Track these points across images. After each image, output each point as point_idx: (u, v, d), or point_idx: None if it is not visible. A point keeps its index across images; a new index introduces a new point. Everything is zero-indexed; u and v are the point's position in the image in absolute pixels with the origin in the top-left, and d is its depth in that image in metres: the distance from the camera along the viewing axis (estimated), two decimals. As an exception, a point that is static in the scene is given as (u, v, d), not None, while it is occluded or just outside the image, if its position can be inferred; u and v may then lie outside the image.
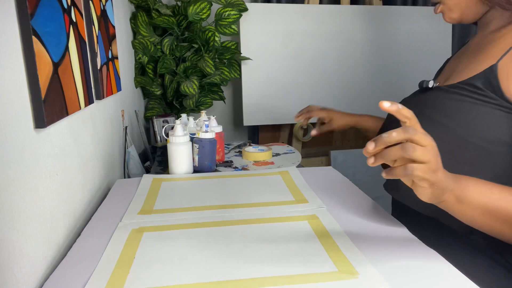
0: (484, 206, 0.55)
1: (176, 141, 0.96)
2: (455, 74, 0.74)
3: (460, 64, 0.77)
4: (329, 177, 0.94)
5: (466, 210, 0.56)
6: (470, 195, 0.55)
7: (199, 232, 0.66)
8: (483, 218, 0.56)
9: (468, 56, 0.76)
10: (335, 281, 0.51)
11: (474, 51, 0.75)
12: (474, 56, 0.73)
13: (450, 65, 0.83)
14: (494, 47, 0.69)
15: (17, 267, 0.51)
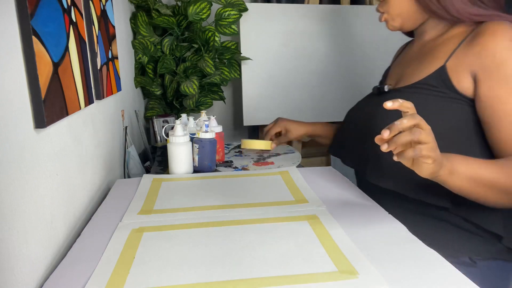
0: (470, 176, 0.67)
1: (176, 141, 0.96)
2: (405, 77, 0.87)
3: (406, 68, 0.89)
4: (329, 177, 0.94)
5: (456, 181, 0.67)
6: (459, 168, 0.66)
7: (199, 232, 0.66)
8: (470, 186, 0.68)
9: (413, 61, 0.89)
10: (335, 281, 0.51)
11: (418, 57, 0.88)
12: (420, 61, 0.86)
13: (394, 71, 0.95)
14: (438, 52, 0.82)
15: (17, 267, 0.51)
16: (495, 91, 0.73)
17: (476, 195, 0.70)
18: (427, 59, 0.84)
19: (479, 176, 0.67)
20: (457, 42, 0.80)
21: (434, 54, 0.83)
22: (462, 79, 0.76)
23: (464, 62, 0.76)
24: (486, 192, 0.69)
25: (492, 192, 0.69)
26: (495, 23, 0.75)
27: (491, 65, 0.73)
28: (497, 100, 0.73)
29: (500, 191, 0.69)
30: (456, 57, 0.78)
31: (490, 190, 0.68)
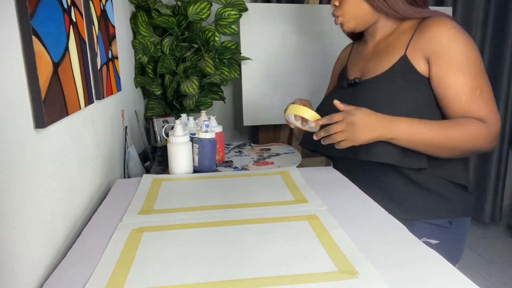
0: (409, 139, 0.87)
1: (176, 141, 0.96)
2: (370, 71, 1.01)
3: (367, 64, 1.04)
4: (329, 177, 0.94)
5: (399, 143, 0.88)
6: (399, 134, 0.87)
7: (199, 232, 0.66)
8: (412, 145, 0.88)
9: (373, 57, 1.03)
10: (335, 281, 0.51)
11: (376, 53, 1.03)
12: (379, 55, 1.01)
13: (355, 68, 1.09)
14: (394, 45, 0.98)
15: (17, 267, 0.51)
16: (443, 69, 0.90)
17: (420, 151, 0.90)
18: (387, 53, 0.99)
19: (418, 139, 0.87)
20: (409, 35, 0.96)
21: (392, 48, 0.99)
22: (420, 63, 0.93)
23: (419, 49, 0.93)
24: (425, 148, 0.89)
25: (429, 148, 0.88)
26: (437, 17, 0.94)
27: (439, 49, 0.90)
28: (444, 76, 0.91)
29: (436, 148, 0.88)
30: (412, 46, 0.94)
31: (427, 147, 0.88)
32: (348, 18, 1.00)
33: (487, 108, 0.89)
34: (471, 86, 0.89)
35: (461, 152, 0.90)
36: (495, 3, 2.39)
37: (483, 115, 0.89)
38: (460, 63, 0.89)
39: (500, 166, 2.62)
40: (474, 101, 0.89)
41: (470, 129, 0.87)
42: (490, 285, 2.06)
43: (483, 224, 2.72)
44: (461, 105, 0.90)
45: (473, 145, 0.88)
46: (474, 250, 2.41)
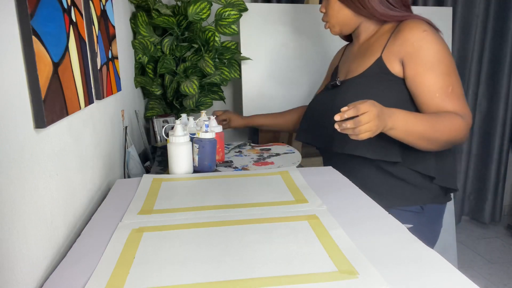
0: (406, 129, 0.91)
1: (176, 141, 0.96)
2: (352, 71, 1.10)
3: (351, 64, 1.13)
4: (329, 177, 0.94)
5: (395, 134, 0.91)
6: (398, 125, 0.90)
7: (199, 232, 0.66)
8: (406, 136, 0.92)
9: (356, 58, 1.12)
10: (335, 281, 0.51)
11: (359, 54, 1.12)
12: (361, 57, 1.09)
13: (342, 68, 1.19)
14: (373, 48, 1.07)
15: (17, 267, 0.51)
16: (416, 70, 0.98)
17: (410, 142, 0.95)
18: (367, 55, 1.07)
19: (413, 130, 0.91)
20: (386, 38, 1.04)
21: (371, 50, 1.07)
22: (394, 65, 1.01)
23: (394, 52, 1.01)
24: (417, 140, 0.94)
25: (420, 138, 0.94)
26: (411, 20, 1.01)
27: (412, 51, 0.97)
28: (418, 76, 0.98)
29: (426, 139, 0.94)
30: (388, 49, 1.02)
31: (419, 138, 0.93)
32: (333, 24, 1.10)
33: (460, 103, 0.97)
34: (443, 84, 0.96)
35: (443, 144, 0.97)
36: (495, 3, 2.39)
37: (457, 110, 0.96)
38: (432, 63, 0.96)
39: (500, 166, 2.62)
40: (447, 98, 0.96)
41: (452, 122, 0.94)
42: (490, 285, 2.06)
43: (483, 224, 2.72)
44: (435, 102, 0.97)
45: (454, 136, 0.95)
46: (474, 250, 2.41)
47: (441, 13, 2.02)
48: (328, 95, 1.14)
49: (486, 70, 2.52)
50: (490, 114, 2.57)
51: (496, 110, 2.54)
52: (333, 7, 1.07)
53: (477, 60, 2.43)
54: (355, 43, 1.15)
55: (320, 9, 1.11)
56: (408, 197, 1.05)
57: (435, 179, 1.04)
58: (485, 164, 2.64)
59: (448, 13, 2.03)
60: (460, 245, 2.43)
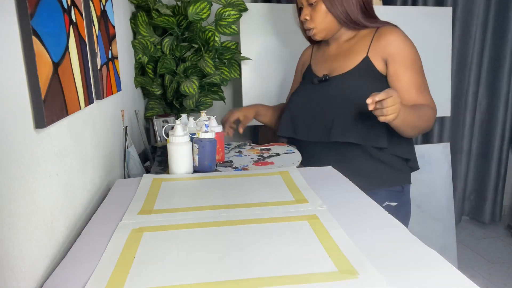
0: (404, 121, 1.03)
1: (176, 141, 0.95)
2: (337, 69, 1.20)
3: (333, 63, 1.23)
4: (329, 177, 0.94)
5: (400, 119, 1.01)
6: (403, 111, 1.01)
7: (199, 232, 0.66)
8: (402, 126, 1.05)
9: (338, 57, 1.22)
10: (335, 281, 0.51)
11: (340, 53, 1.22)
12: (344, 56, 1.21)
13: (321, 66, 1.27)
14: (357, 48, 1.18)
15: (17, 267, 0.51)
16: (397, 68, 1.13)
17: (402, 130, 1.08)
18: (351, 54, 1.19)
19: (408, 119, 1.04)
20: (369, 40, 1.17)
21: (354, 50, 1.19)
22: (379, 63, 1.15)
23: (378, 52, 1.15)
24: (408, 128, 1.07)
25: (410, 128, 1.08)
26: (388, 26, 1.17)
27: (395, 52, 1.13)
28: (399, 74, 1.13)
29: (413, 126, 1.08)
30: (372, 50, 1.16)
31: (410, 128, 1.08)
32: (320, 29, 1.19)
33: (429, 97, 1.15)
34: (419, 82, 1.14)
35: (421, 131, 1.14)
36: (495, 3, 2.39)
37: (428, 102, 1.14)
38: (411, 63, 1.13)
39: (500, 166, 2.62)
40: (421, 93, 1.14)
41: (428, 112, 1.11)
42: (490, 285, 2.06)
43: (483, 224, 2.72)
44: (412, 96, 1.12)
45: (428, 125, 1.13)
46: (474, 250, 2.41)
47: (441, 13, 2.01)
48: (316, 90, 1.23)
49: (486, 70, 2.52)
50: (490, 114, 2.57)
51: (496, 110, 2.54)
52: (320, 14, 1.17)
53: (477, 60, 2.43)
54: (332, 44, 1.26)
55: (303, 16, 1.19)
56: (392, 179, 1.20)
57: (410, 161, 1.21)
58: (485, 164, 2.64)
59: (448, 13, 2.03)
60: (460, 245, 2.43)
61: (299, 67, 1.43)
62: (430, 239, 2.04)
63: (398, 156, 1.19)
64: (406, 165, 1.22)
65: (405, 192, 1.22)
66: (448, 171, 2.13)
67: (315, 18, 1.18)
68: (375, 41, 1.16)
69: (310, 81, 1.26)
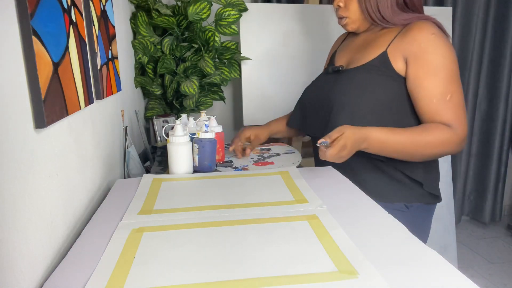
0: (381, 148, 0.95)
1: (176, 141, 0.96)
2: (355, 61, 1.08)
3: (355, 54, 1.11)
4: (329, 177, 0.94)
5: (372, 150, 0.95)
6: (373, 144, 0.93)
7: (199, 232, 0.66)
8: (383, 152, 0.96)
9: (360, 49, 1.10)
10: (335, 281, 0.51)
11: (363, 45, 1.09)
12: (365, 48, 1.08)
13: (343, 56, 1.16)
14: (379, 41, 1.05)
15: (17, 267, 0.51)
16: (419, 71, 0.97)
17: (390, 156, 0.98)
18: (371, 47, 1.06)
19: (389, 146, 0.94)
20: (393, 35, 1.03)
21: (376, 43, 1.06)
22: (398, 62, 1.00)
23: (399, 49, 1.00)
24: (396, 155, 0.97)
25: (399, 155, 0.97)
26: (421, 22, 1.00)
27: (418, 52, 0.97)
28: (419, 78, 0.97)
29: (405, 155, 0.97)
30: (394, 45, 1.01)
31: (398, 154, 0.96)
32: (354, 19, 1.07)
33: (454, 113, 0.95)
34: (443, 91, 0.95)
35: (430, 156, 0.98)
36: (495, 3, 2.39)
37: (449, 120, 0.95)
38: (436, 67, 0.95)
39: (500, 166, 2.62)
40: (443, 105, 0.95)
41: (437, 135, 0.94)
42: (490, 285, 2.06)
43: (483, 224, 2.72)
44: (430, 107, 0.96)
45: (440, 150, 0.96)
46: (474, 250, 2.41)
47: (441, 13, 2.01)
48: (326, 81, 1.14)
49: (486, 70, 2.51)
50: (490, 114, 2.57)
51: (496, 110, 2.54)
52: (355, 3, 1.04)
53: (477, 60, 2.43)
54: (362, 34, 1.13)
55: (337, 3, 1.06)
56: (393, 193, 1.04)
57: (423, 185, 1.04)
58: (485, 164, 2.64)
59: (448, 13, 2.03)
60: (460, 245, 2.43)
61: (330, 54, 1.31)
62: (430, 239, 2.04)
63: (405, 174, 1.04)
64: (415, 185, 1.05)
65: (411, 211, 1.04)
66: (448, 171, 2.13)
67: (349, 6, 1.05)
68: (399, 37, 1.01)
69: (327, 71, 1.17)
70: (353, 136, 0.89)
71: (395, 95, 1.00)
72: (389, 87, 1.00)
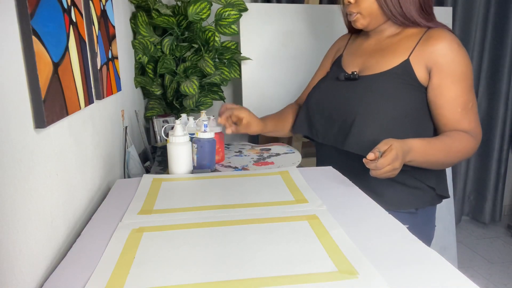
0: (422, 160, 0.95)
1: (176, 141, 0.95)
2: (371, 67, 1.05)
3: (370, 59, 1.07)
4: (329, 177, 0.94)
5: (413, 164, 0.95)
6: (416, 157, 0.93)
7: (199, 232, 0.66)
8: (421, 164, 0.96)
9: (375, 54, 1.06)
10: (335, 281, 0.51)
11: (378, 50, 1.06)
12: (381, 54, 1.05)
13: (354, 60, 1.11)
14: (399, 48, 1.02)
15: (17, 267, 0.51)
16: (443, 81, 0.97)
17: (427, 167, 0.98)
18: (390, 53, 1.03)
19: (428, 159, 0.95)
20: (415, 41, 1.01)
21: (395, 49, 1.03)
22: (421, 71, 0.99)
23: (422, 58, 0.99)
24: (431, 165, 0.98)
25: (434, 165, 0.99)
26: (440, 30, 1.00)
27: (442, 62, 0.97)
28: (445, 87, 0.97)
29: (439, 164, 0.99)
30: (416, 53, 1.00)
31: (433, 165, 0.98)
32: (365, 15, 1.03)
33: (475, 121, 1.00)
34: (466, 99, 0.98)
35: (455, 163, 1.01)
36: (495, 3, 2.39)
37: (472, 128, 0.99)
38: (460, 76, 0.97)
39: (500, 166, 2.62)
40: (467, 114, 0.98)
41: (464, 144, 0.97)
42: (490, 285, 2.06)
43: (483, 224, 2.72)
44: (455, 116, 0.98)
45: (463, 157, 0.99)
46: (474, 250, 2.41)
47: (441, 13, 2.01)
48: (340, 87, 1.08)
49: (486, 70, 2.52)
50: (490, 114, 2.57)
51: (496, 110, 2.54)
52: None
53: (477, 60, 2.43)
54: (373, 38, 1.09)
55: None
56: (405, 200, 1.04)
57: (435, 189, 1.05)
58: (485, 164, 2.64)
59: (448, 13, 2.03)
60: (460, 245, 2.43)
61: (330, 55, 1.26)
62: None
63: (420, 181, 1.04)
64: (428, 189, 1.06)
65: (420, 214, 1.05)
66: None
67: (361, 1, 1.01)
68: (421, 44, 0.99)
69: (336, 76, 1.10)
70: (401, 148, 0.88)
71: (417, 104, 1.00)
72: (412, 95, 0.99)
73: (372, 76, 1.03)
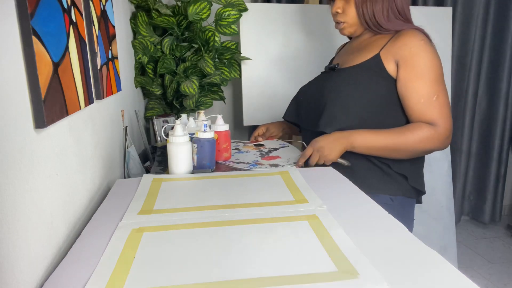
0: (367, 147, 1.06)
1: (176, 141, 0.95)
2: (349, 61, 1.18)
3: (349, 55, 1.20)
4: (329, 177, 0.94)
5: (357, 150, 1.07)
6: (357, 144, 1.06)
7: (199, 232, 0.66)
8: (368, 151, 1.07)
9: (355, 51, 1.19)
10: (335, 281, 0.51)
11: (358, 48, 1.19)
12: (359, 51, 1.17)
13: (340, 58, 1.26)
14: (372, 45, 1.14)
15: (17, 267, 0.51)
16: (409, 74, 1.06)
17: (376, 155, 1.08)
18: (365, 50, 1.15)
19: (374, 145, 1.05)
20: (386, 40, 1.12)
21: (370, 47, 1.15)
22: (390, 64, 1.09)
23: (391, 53, 1.08)
24: (381, 153, 1.07)
25: (385, 152, 1.07)
26: (411, 30, 1.10)
27: (408, 55, 1.06)
28: (409, 80, 1.06)
29: (391, 153, 1.07)
30: (386, 49, 1.10)
31: (383, 152, 1.07)
32: (351, 24, 1.16)
33: (440, 112, 1.05)
34: (430, 92, 1.04)
35: (414, 154, 1.08)
36: (495, 3, 2.39)
37: (434, 118, 1.04)
38: (423, 70, 1.04)
39: (500, 166, 2.62)
40: (430, 105, 1.04)
41: (418, 134, 1.04)
42: (490, 285, 2.06)
43: (483, 224, 2.72)
44: (418, 107, 1.05)
45: (423, 147, 1.05)
46: (474, 250, 2.41)
47: (441, 13, 2.02)
48: (323, 78, 1.23)
49: (486, 70, 2.52)
50: (490, 114, 2.57)
51: (496, 110, 2.54)
52: (353, 9, 1.13)
53: (477, 60, 2.43)
54: (356, 40, 1.23)
55: (335, 9, 1.16)
56: (381, 184, 1.11)
57: (408, 179, 1.12)
58: (485, 164, 2.64)
59: (448, 13, 2.03)
60: (460, 245, 2.43)
61: None
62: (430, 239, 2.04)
63: (390, 167, 1.11)
64: (401, 178, 1.12)
65: (395, 204, 1.10)
66: (448, 171, 2.13)
67: (347, 12, 1.14)
68: (391, 42, 1.10)
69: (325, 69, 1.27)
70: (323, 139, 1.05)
71: (386, 93, 1.08)
72: (381, 85, 1.08)
73: (347, 68, 1.16)
